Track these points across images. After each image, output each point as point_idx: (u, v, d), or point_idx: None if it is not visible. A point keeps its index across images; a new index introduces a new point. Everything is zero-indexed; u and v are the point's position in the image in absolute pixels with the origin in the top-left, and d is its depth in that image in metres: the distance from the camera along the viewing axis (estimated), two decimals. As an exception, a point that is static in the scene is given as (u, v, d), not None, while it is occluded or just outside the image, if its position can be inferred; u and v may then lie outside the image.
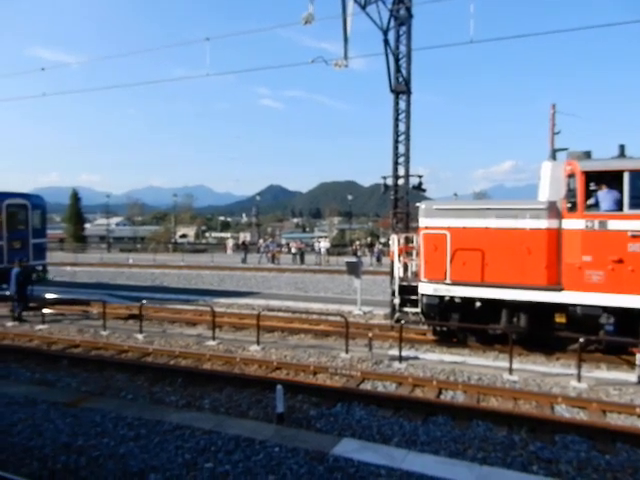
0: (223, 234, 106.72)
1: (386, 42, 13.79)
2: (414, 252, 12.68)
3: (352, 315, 14.66)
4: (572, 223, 9.71)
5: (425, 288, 10.76)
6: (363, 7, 13.20)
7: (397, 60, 14.04)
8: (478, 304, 10.44)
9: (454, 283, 10.46)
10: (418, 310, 11.11)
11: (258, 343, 11.17)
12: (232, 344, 11.45)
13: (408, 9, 13.88)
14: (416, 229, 12.00)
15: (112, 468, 5.47)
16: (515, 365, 9.18)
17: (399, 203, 14.59)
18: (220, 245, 61.81)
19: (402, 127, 14.34)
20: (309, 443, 5.96)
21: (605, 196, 9.48)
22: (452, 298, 10.57)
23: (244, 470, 5.37)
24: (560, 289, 9.80)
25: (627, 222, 9.22)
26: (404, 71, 14.14)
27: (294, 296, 19.16)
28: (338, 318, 12.64)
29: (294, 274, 28.08)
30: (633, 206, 9.19)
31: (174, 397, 8.19)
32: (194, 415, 7.08)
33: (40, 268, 18.24)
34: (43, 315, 13.87)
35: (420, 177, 14.95)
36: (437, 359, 10.23)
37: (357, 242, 51.75)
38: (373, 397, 7.88)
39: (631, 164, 9.33)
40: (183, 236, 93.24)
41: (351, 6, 12.93)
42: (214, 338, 11.67)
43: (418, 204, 11.53)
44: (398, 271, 11.72)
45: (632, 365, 9.52)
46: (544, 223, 9.94)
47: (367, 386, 8.69)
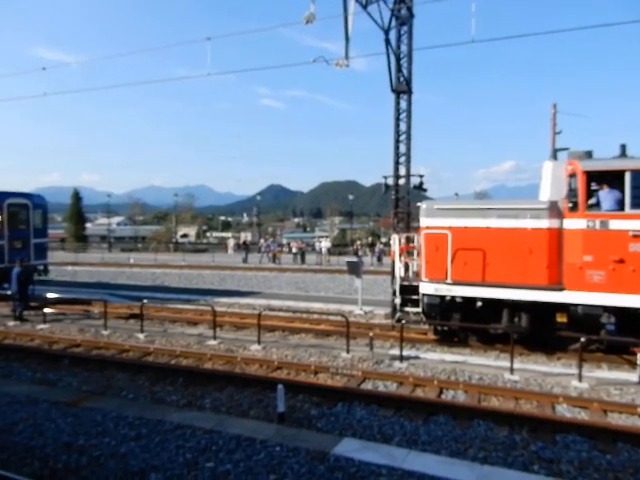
0: (224, 234, 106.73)
1: (387, 42, 13.79)
2: (415, 252, 12.67)
3: (353, 315, 14.66)
4: (573, 223, 9.70)
5: (426, 288, 10.76)
6: (364, 7, 13.20)
7: (398, 60, 14.04)
8: (479, 304, 10.44)
9: (455, 283, 10.46)
10: (419, 310, 11.11)
11: (259, 343, 11.18)
12: (233, 344, 11.45)
13: (409, 9, 13.88)
14: (417, 229, 12.00)
15: (113, 467, 5.48)
16: (516, 365, 9.17)
17: (400, 203, 14.60)
18: (221, 245, 61.82)
19: (403, 127, 14.35)
20: (310, 443, 5.96)
21: (606, 196, 9.47)
22: (453, 298, 10.57)
23: (245, 469, 5.37)
24: (561, 289, 9.79)
25: (628, 222, 9.21)
26: (405, 71, 14.14)
27: (295, 296, 19.16)
28: (339, 318, 12.64)
29: (295, 274, 28.08)
30: (634, 206, 9.18)
31: (175, 396, 8.20)
32: (195, 415, 7.08)
33: (41, 268, 18.27)
34: (44, 314, 13.88)
35: (421, 177, 14.97)
36: (438, 359, 10.23)
37: (358, 242, 51.71)
38: (374, 397, 7.88)
39: (632, 164, 9.32)
40: (184, 236, 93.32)
41: (352, 6, 12.95)
42: (215, 338, 11.67)
43: (419, 204, 11.53)
44: (399, 271, 11.72)
45: (633, 365, 9.51)
46: (545, 223, 9.93)
47: (368, 386, 8.69)
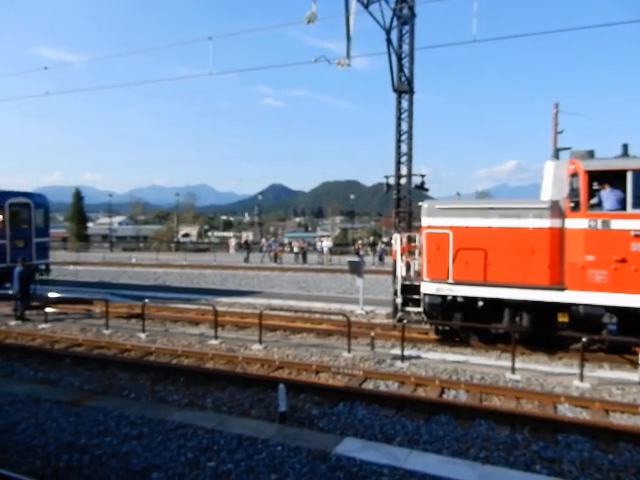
0: (225, 233, 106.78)
1: (389, 41, 13.79)
2: (417, 251, 12.66)
3: (354, 314, 14.66)
4: (575, 222, 9.69)
5: (427, 287, 10.75)
6: (366, 6, 13.20)
7: (400, 59, 14.04)
8: (480, 303, 10.43)
9: (457, 282, 10.45)
10: (420, 309, 11.10)
11: (260, 342, 11.18)
12: (234, 343, 11.46)
13: (411, 8, 13.86)
14: (419, 228, 12.00)
15: (115, 467, 5.48)
16: (518, 364, 9.17)
17: (402, 202, 14.60)
18: (222, 244, 61.85)
19: (405, 126, 14.34)
20: (311, 442, 5.96)
21: (608, 195, 9.46)
22: (454, 297, 10.56)
23: (246, 469, 5.37)
24: (563, 288, 9.78)
25: (630, 221, 9.20)
26: (407, 70, 14.12)
27: (296, 295, 19.16)
28: (340, 317, 12.64)
29: (296, 273, 28.07)
30: (636, 205, 9.16)
31: (176, 396, 8.20)
32: (196, 414, 7.09)
33: (43, 267, 18.29)
34: (46, 314, 13.90)
35: (422, 176, 14.97)
36: (439, 358, 10.22)
37: (359, 241, 51.66)
38: (375, 396, 7.88)
39: (634, 163, 9.30)
40: (185, 235, 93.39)
41: (354, 5, 12.96)
42: (216, 337, 11.67)
43: (421, 203, 11.53)
44: (400, 270, 11.71)
45: (635, 365, 9.49)
46: (547, 222, 9.92)
47: (369, 385, 8.69)
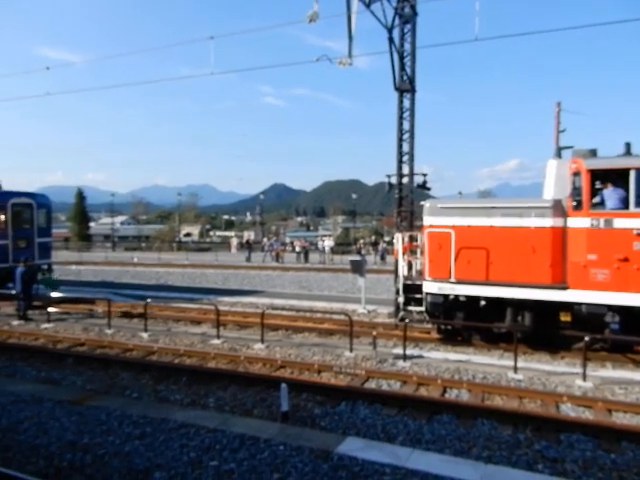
0: (227, 233, 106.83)
1: (391, 40, 13.74)
2: (418, 251, 12.66)
3: (356, 314, 14.65)
4: (577, 221, 9.66)
5: (429, 287, 10.75)
6: (368, 5, 13.16)
7: (402, 58, 14.00)
8: (483, 303, 10.41)
9: (459, 282, 10.44)
10: (422, 309, 11.10)
11: (262, 341, 11.18)
12: (236, 342, 11.47)
13: (413, 7, 13.83)
14: (420, 228, 11.99)
15: (117, 466, 5.49)
16: (520, 364, 9.16)
17: (403, 202, 14.56)
18: (224, 244, 61.93)
19: (406, 125, 14.30)
20: (314, 441, 5.97)
21: (611, 194, 9.43)
22: (457, 297, 10.55)
23: (249, 468, 5.38)
24: (565, 288, 9.76)
25: (633, 220, 9.17)
26: (408, 69, 14.09)
27: (298, 295, 19.17)
28: (342, 317, 12.64)
29: (298, 273, 28.09)
30: (639, 204, 9.14)
31: (179, 395, 8.21)
32: (199, 413, 7.10)
33: (45, 267, 18.32)
34: (48, 314, 13.93)
35: (424, 176, 14.93)
36: (441, 358, 10.21)
37: (361, 241, 51.65)
38: (377, 396, 7.88)
39: (637, 162, 9.27)
40: (187, 235, 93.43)
41: (356, 4, 12.91)
42: (218, 337, 11.69)
43: (422, 203, 11.52)
44: (402, 270, 11.70)
45: (638, 364, 9.49)
46: (549, 222, 9.90)
47: (371, 385, 8.69)
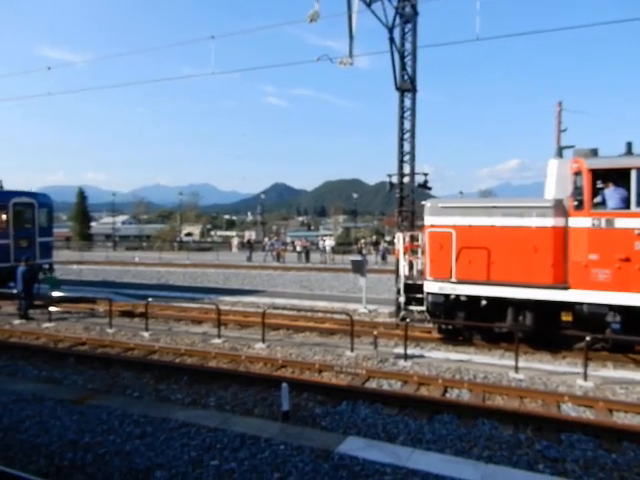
0: (228, 232, 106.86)
1: (391, 40, 13.73)
2: (419, 250, 12.66)
3: (357, 313, 14.65)
4: (579, 221, 9.65)
5: (430, 286, 10.74)
6: (368, 5, 13.16)
7: (402, 58, 13.99)
8: (484, 302, 10.41)
9: (460, 281, 10.44)
10: (423, 308, 11.10)
11: (263, 341, 11.19)
12: (237, 342, 11.47)
13: (413, 6, 13.81)
14: (421, 227, 11.98)
15: (118, 465, 5.50)
16: (521, 363, 9.15)
17: (404, 201, 14.56)
18: (225, 243, 61.95)
19: (407, 125, 14.29)
20: (314, 441, 5.97)
21: (612, 194, 9.41)
22: (458, 296, 10.54)
23: (250, 468, 5.38)
24: (566, 287, 9.75)
25: (634, 220, 9.15)
26: (409, 69, 14.08)
27: (299, 294, 19.17)
28: (343, 316, 12.64)
29: (299, 272, 28.09)
30: (640, 204, 9.13)
31: (180, 395, 8.22)
32: (200, 413, 7.10)
33: (47, 266, 18.34)
34: (49, 313, 13.96)
35: (425, 175, 14.92)
36: (442, 357, 10.21)
37: (362, 240, 51.63)
38: (378, 395, 7.88)
39: (638, 162, 9.24)
40: (188, 234, 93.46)
41: (356, 4, 12.91)
42: (219, 336, 11.69)
43: (423, 202, 11.51)
44: (403, 269, 11.70)
45: (639, 364, 9.47)
46: (550, 221, 9.89)
47: (372, 384, 8.69)
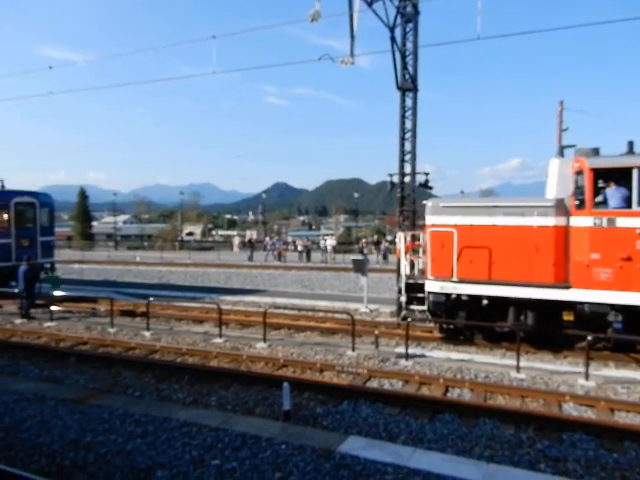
0: (229, 232, 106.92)
1: (393, 39, 13.71)
2: (421, 250, 12.65)
3: (358, 313, 14.65)
4: (580, 220, 9.64)
5: (432, 286, 10.74)
6: (369, 4, 13.14)
7: (404, 57, 13.98)
8: (485, 302, 10.40)
9: (461, 281, 10.43)
10: (425, 308, 11.09)
11: (264, 340, 11.19)
12: (239, 341, 11.48)
13: (415, 6, 13.80)
14: (423, 227, 11.97)
15: (120, 464, 5.51)
16: (522, 363, 9.14)
17: (405, 201, 14.55)
18: (226, 243, 62.00)
19: (408, 124, 14.28)
20: (315, 440, 5.97)
21: (613, 193, 9.40)
22: (459, 296, 10.54)
23: (251, 467, 5.39)
24: (568, 287, 9.74)
25: (636, 219, 9.14)
26: (410, 68, 14.07)
27: (300, 294, 19.18)
28: (344, 316, 12.64)
29: (300, 272, 28.09)
30: (642, 203, 9.11)
31: (181, 394, 8.23)
32: (201, 412, 7.11)
33: (48, 266, 18.37)
34: (51, 312, 13.98)
35: (426, 174, 14.90)
36: (444, 357, 10.20)
37: (363, 240, 51.63)
38: (380, 395, 7.88)
39: (640, 161, 9.25)
40: (190, 234, 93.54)
41: (357, 3, 12.89)
42: (221, 335, 11.70)
43: (425, 202, 11.50)
44: (405, 269, 11.70)
45: (641, 363, 9.45)
46: (552, 220, 9.88)
47: (374, 384, 8.69)
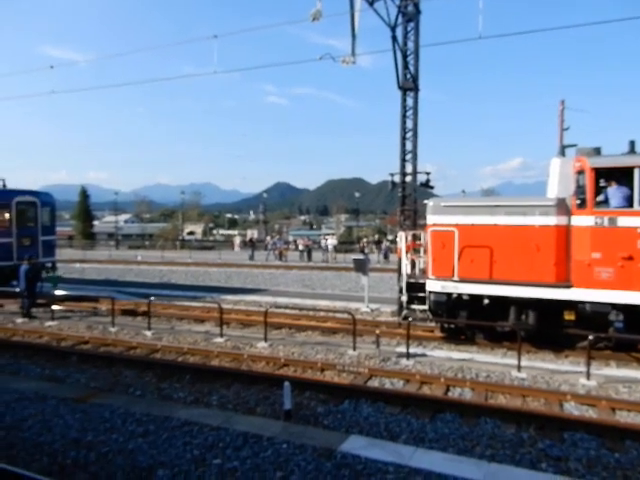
0: (230, 231, 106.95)
1: (394, 38, 13.70)
2: (422, 249, 12.65)
3: (359, 312, 14.64)
4: (581, 220, 9.64)
5: (433, 285, 10.73)
6: (371, 3, 13.14)
7: (405, 56, 13.96)
8: (486, 301, 10.40)
9: (462, 280, 10.42)
10: (426, 307, 11.08)
11: (265, 340, 11.19)
12: (240, 341, 11.48)
13: (416, 5, 13.79)
14: (424, 226, 11.97)
15: (121, 463, 5.51)
16: (523, 362, 9.13)
17: (406, 200, 14.54)
18: (227, 242, 62.05)
19: (409, 124, 14.27)
20: (317, 440, 5.97)
21: (615, 192, 9.40)
22: (460, 295, 10.54)
23: (252, 466, 5.39)
24: (569, 286, 9.74)
25: (637, 219, 9.13)
26: (412, 68, 14.06)
27: (301, 293, 19.18)
28: (345, 315, 12.64)
29: (301, 271, 28.10)
30: (643, 202, 9.10)
31: (182, 393, 8.23)
32: (202, 411, 7.11)
33: (49, 265, 18.38)
34: (52, 312, 13.99)
35: (428, 174, 14.89)
36: (445, 356, 10.20)
37: (364, 239, 51.63)
38: (381, 394, 7.88)
39: (641, 160, 9.23)
40: (190, 233, 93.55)
41: (359, 2, 12.89)
42: (222, 335, 11.70)
43: (426, 201, 11.50)
44: (406, 268, 11.69)
45: (642, 363, 9.44)
46: (553, 220, 9.87)
47: (375, 383, 8.69)
